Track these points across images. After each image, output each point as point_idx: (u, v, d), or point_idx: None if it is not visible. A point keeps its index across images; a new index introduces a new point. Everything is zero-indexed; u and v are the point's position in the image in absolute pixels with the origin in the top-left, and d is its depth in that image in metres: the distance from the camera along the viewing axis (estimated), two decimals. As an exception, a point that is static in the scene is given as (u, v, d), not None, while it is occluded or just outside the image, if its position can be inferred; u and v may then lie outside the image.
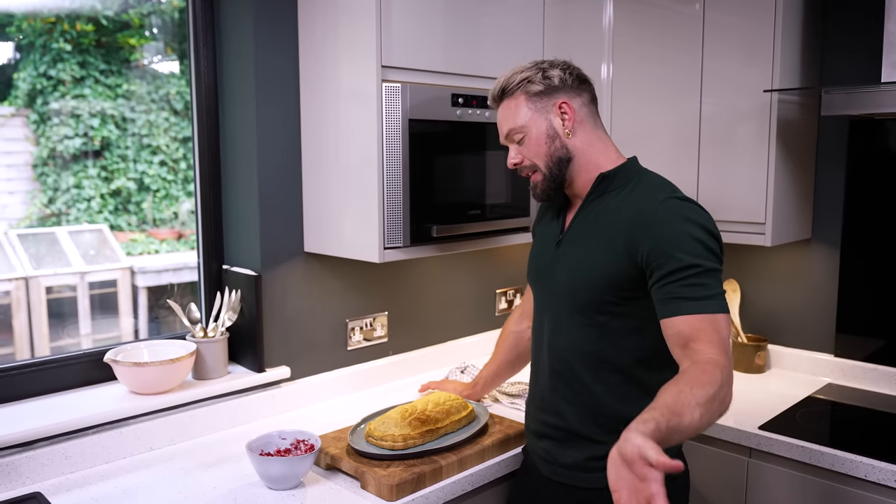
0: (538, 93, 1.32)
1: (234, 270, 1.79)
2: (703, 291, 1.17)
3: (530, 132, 1.32)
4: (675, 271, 1.18)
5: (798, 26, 1.93)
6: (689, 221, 1.21)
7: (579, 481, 1.35)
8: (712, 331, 1.15)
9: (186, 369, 1.63)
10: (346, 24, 1.63)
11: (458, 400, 1.59)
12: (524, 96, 1.32)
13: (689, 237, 1.19)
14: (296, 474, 1.38)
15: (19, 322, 3.85)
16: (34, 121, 4.58)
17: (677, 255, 1.18)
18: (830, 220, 2.07)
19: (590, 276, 1.29)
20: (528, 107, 1.32)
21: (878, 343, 2.02)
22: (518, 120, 1.33)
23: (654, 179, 1.32)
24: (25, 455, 1.40)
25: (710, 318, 1.16)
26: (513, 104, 1.34)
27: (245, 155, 1.75)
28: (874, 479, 1.53)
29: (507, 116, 1.35)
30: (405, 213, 1.61)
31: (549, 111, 1.32)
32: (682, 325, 1.17)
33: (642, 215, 1.23)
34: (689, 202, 1.26)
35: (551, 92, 1.32)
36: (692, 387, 1.05)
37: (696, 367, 1.10)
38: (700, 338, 1.15)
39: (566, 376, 1.35)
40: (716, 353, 1.12)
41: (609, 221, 1.29)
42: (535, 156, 1.33)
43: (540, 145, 1.32)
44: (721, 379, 1.08)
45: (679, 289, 1.18)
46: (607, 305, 1.28)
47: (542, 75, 1.32)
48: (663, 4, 2.06)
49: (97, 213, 4.74)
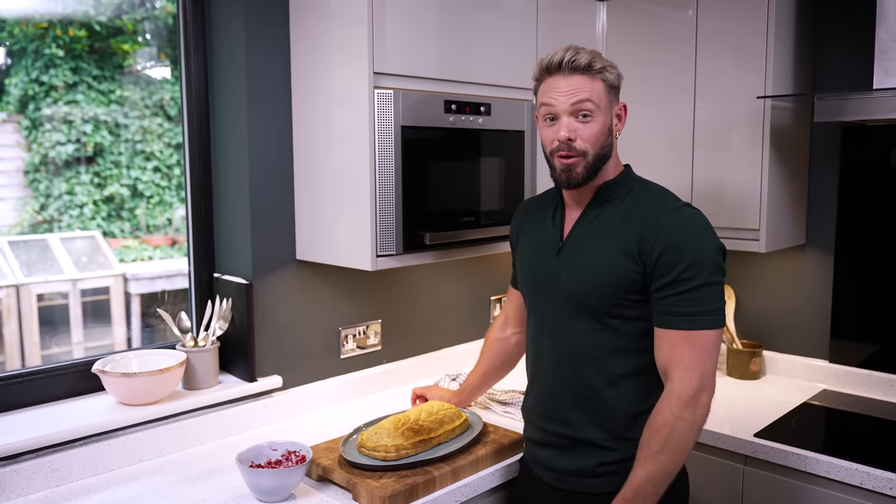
0: (613, 87, 1.33)
1: (226, 278, 1.77)
2: (698, 307, 1.23)
3: (598, 118, 1.30)
4: (676, 283, 1.23)
5: (791, 32, 1.93)
6: (699, 232, 1.26)
7: (586, 487, 1.34)
8: (690, 353, 1.23)
9: (176, 379, 1.61)
10: (338, 31, 1.62)
11: (452, 409, 1.58)
12: (605, 84, 1.31)
13: (697, 248, 1.24)
14: (286, 486, 1.36)
15: (10, 330, 3.82)
16: (26, 127, 4.55)
17: (681, 265, 1.23)
18: (824, 226, 2.07)
19: (599, 280, 1.30)
20: (606, 95, 1.32)
21: (873, 349, 2.01)
22: (596, 97, 1.30)
23: (657, 187, 1.36)
24: (10, 469, 1.38)
25: (694, 336, 1.23)
26: (594, 83, 1.30)
27: (236, 161, 1.74)
28: (870, 486, 1.52)
29: (584, 89, 1.30)
30: (398, 221, 1.59)
31: (613, 108, 1.34)
32: (664, 340, 1.26)
33: (657, 221, 1.26)
34: (696, 209, 1.31)
35: (618, 92, 1.35)
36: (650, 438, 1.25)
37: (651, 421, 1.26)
38: (674, 365, 1.25)
39: (575, 383, 1.34)
40: (680, 380, 1.23)
41: (618, 227, 1.30)
42: (590, 142, 1.30)
43: (600, 134, 1.31)
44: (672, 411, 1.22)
45: (674, 301, 1.24)
46: (618, 309, 1.29)
47: (617, 72, 1.34)
48: (656, 10, 2.06)
49: (90, 220, 4.71)
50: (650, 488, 1.24)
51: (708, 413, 1.25)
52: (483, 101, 1.75)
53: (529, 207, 1.51)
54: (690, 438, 1.24)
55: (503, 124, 1.80)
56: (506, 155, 1.83)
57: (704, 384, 1.24)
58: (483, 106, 1.75)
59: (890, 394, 1.97)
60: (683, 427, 1.22)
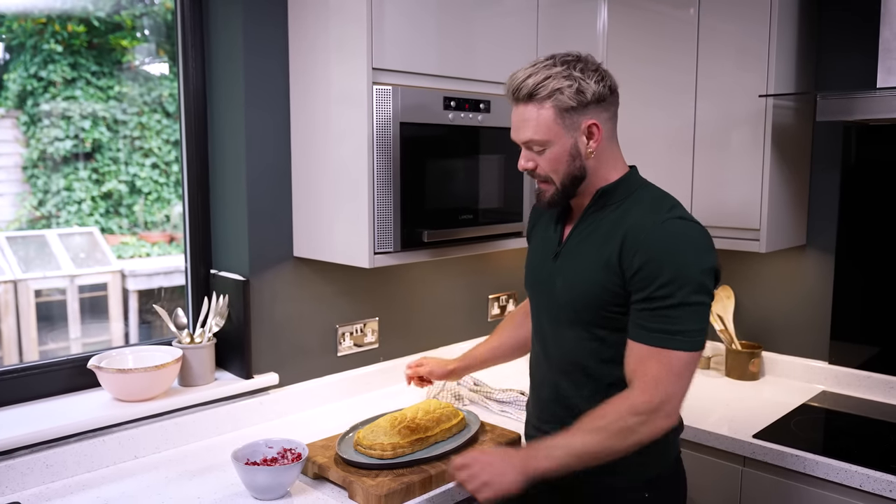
0: (569, 108, 1.21)
1: (222, 275, 1.76)
2: (671, 325, 1.16)
3: (553, 147, 1.24)
4: (651, 299, 1.18)
5: (793, 31, 1.92)
6: (684, 247, 1.18)
7: (577, 485, 1.33)
8: (657, 368, 1.17)
9: (172, 376, 1.60)
10: (336, 26, 1.61)
11: (449, 408, 1.57)
12: (554, 110, 1.21)
13: (678, 265, 1.16)
14: (282, 484, 1.35)
15: (7, 326, 3.81)
16: (24, 122, 4.54)
17: (658, 281, 1.16)
18: (825, 227, 2.06)
19: (586, 291, 1.27)
20: (557, 122, 1.22)
21: (873, 350, 2.00)
22: (542, 133, 1.23)
23: (656, 194, 1.28)
24: (5, 464, 1.37)
25: (665, 354, 1.17)
26: (540, 114, 1.22)
27: (234, 158, 1.73)
28: (870, 489, 1.52)
29: (528, 123, 1.24)
30: (396, 218, 1.58)
31: (576, 129, 1.23)
32: (633, 352, 1.21)
33: (639, 233, 1.20)
34: (690, 223, 1.22)
35: (583, 109, 1.22)
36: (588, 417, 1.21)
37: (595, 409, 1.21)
38: (640, 376, 1.19)
39: (567, 390, 1.33)
40: (641, 390, 1.17)
41: (606, 235, 1.26)
42: (551, 170, 1.26)
43: (560, 162, 1.25)
44: (619, 413, 1.17)
45: (648, 318, 1.18)
46: (604, 320, 1.26)
47: (575, 89, 1.20)
48: (658, 9, 2.05)
49: (88, 216, 4.70)
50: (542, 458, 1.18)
51: (655, 437, 1.18)
52: (483, 98, 1.74)
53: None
54: (623, 449, 1.18)
55: (503, 121, 1.79)
56: (505, 152, 1.82)
57: (666, 408, 1.17)
58: (483, 103, 1.74)
59: (890, 396, 1.97)
60: (624, 435, 1.16)
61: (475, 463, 1.20)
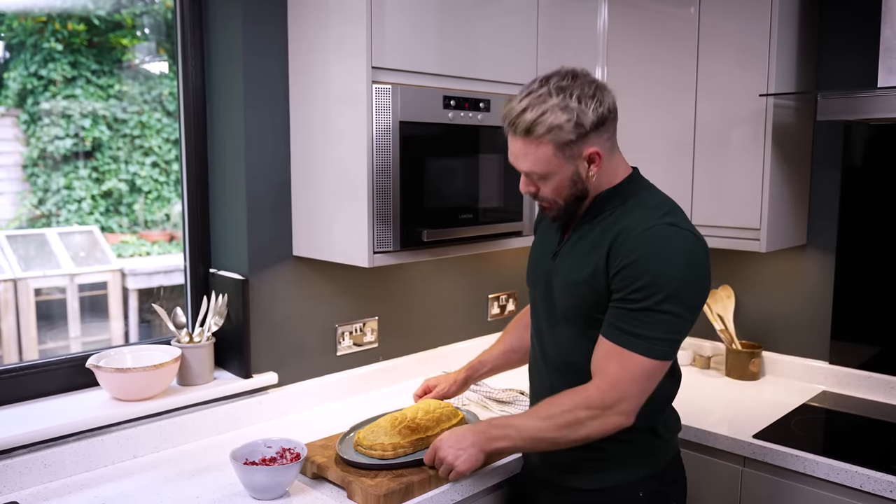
0: (569, 142, 1.19)
1: (221, 274, 1.76)
2: (639, 328, 1.16)
3: (553, 177, 1.23)
4: (625, 300, 1.18)
5: (794, 30, 1.91)
6: (668, 255, 1.16)
7: (574, 483, 1.34)
8: (617, 367, 1.18)
9: (171, 375, 1.60)
10: (336, 25, 1.60)
11: (449, 407, 1.56)
12: (553, 146, 1.19)
13: (657, 272, 1.15)
14: (280, 484, 1.35)
15: (7, 325, 3.81)
16: (24, 121, 4.54)
17: (635, 285, 1.16)
18: (826, 226, 2.06)
19: (575, 294, 1.28)
20: (557, 156, 1.20)
21: (873, 350, 2.00)
22: (541, 167, 1.22)
23: (653, 200, 1.27)
24: (3, 463, 1.36)
25: (625, 354, 1.17)
26: (538, 150, 1.20)
27: (233, 156, 1.72)
28: (870, 489, 1.51)
29: (527, 157, 1.22)
30: (395, 217, 1.58)
31: (577, 157, 1.21)
32: (599, 348, 1.22)
33: (627, 236, 1.20)
34: (681, 231, 1.19)
35: (583, 139, 1.20)
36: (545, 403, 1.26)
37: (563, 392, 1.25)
38: (600, 373, 1.20)
39: (561, 387, 1.33)
40: (598, 386, 1.19)
41: (596, 240, 1.26)
42: (552, 195, 1.26)
43: (562, 189, 1.24)
44: (572, 405, 1.20)
45: (619, 316, 1.19)
46: (595, 321, 1.26)
47: (574, 122, 1.17)
48: (658, 7, 2.05)
49: (88, 215, 4.70)
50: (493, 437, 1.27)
51: (606, 434, 1.20)
52: (482, 97, 1.73)
53: None
54: (569, 441, 1.21)
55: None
56: (505, 152, 1.79)
57: (619, 407, 1.17)
58: (482, 102, 1.73)
59: (890, 396, 1.96)
60: (574, 427, 1.19)
61: (439, 448, 1.32)
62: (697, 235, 1.21)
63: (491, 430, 1.29)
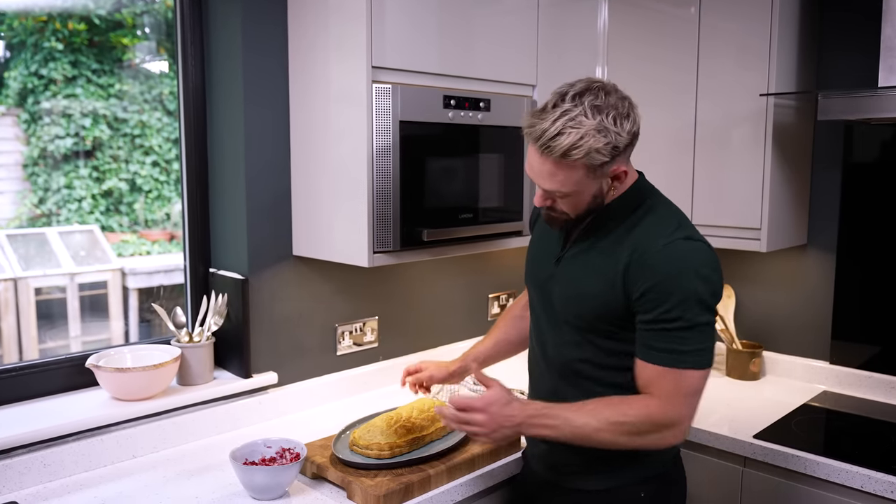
0: (602, 164, 1.18)
1: (221, 274, 1.75)
2: (682, 346, 1.17)
3: (576, 196, 1.21)
4: (659, 321, 1.18)
5: (794, 29, 1.91)
6: (688, 271, 1.17)
7: (577, 484, 1.34)
8: (672, 386, 1.18)
9: (170, 375, 1.60)
10: (336, 24, 1.60)
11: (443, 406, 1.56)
12: (585, 168, 1.17)
13: (685, 289, 1.16)
14: (280, 484, 1.35)
15: (7, 324, 3.81)
16: (25, 120, 4.54)
17: (665, 305, 1.17)
18: (826, 226, 2.05)
19: (583, 304, 1.27)
20: (587, 177, 1.19)
21: (874, 350, 2.00)
22: (569, 187, 1.20)
23: (663, 212, 1.26)
24: (2, 463, 1.36)
25: (677, 372, 1.18)
26: (570, 173, 1.18)
27: (233, 156, 1.72)
28: (871, 489, 1.51)
29: (555, 178, 1.19)
30: (395, 217, 1.58)
31: (604, 177, 1.21)
32: (646, 372, 1.21)
33: (645, 254, 1.19)
34: (695, 243, 1.21)
35: (614, 160, 1.19)
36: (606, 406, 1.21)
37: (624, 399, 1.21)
38: (656, 392, 1.19)
39: (562, 391, 1.33)
40: (659, 403, 1.18)
41: (609, 252, 1.25)
42: (571, 210, 1.24)
43: (581, 205, 1.23)
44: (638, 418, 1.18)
45: (657, 338, 1.19)
46: (602, 331, 1.27)
47: (611, 146, 1.16)
48: (659, 7, 2.04)
49: (88, 214, 4.70)
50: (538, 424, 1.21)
51: (657, 449, 1.23)
52: (482, 97, 1.73)
53: None
54: (626, 447, 1.20)
55: (503, 120, 1.79)
56: (505, 151, 1.81)
57: (678, 427, 1.19)
58: (482, 101, 1.73)
59: (891, 396, 1.96)
60: (633, 436, 1.19)
61: (482, 410, 1.23)
62: (707, 243, 1.23)
63: (541, 418, 1.22)
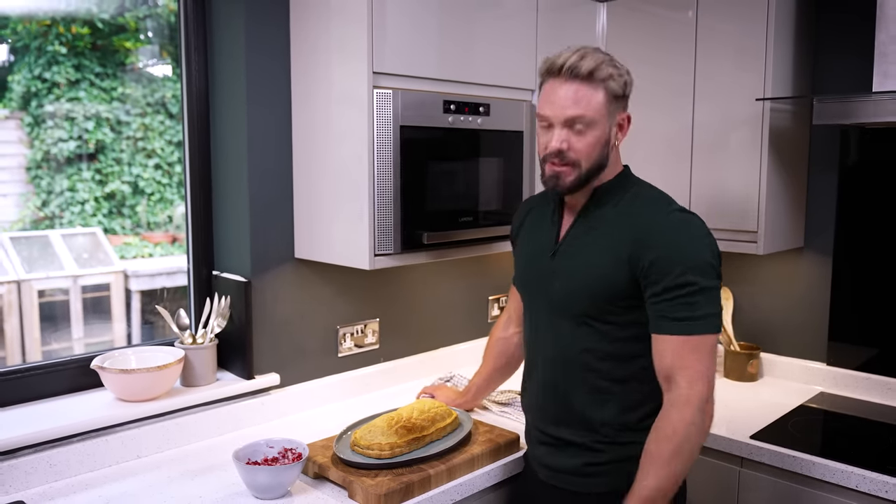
0: (617, 96, 1.26)
1: (224, 276, 1.77)
2: (693, 311, 1.21)
3: (594, 130, 1.25)
4: (670, 289, 1.22)
5: (790, 34, 1.93)
6: (691, 237, 1.24)
7: (575, 486, 1.35)
8: (694, 359, 1.21)
9: (174, 376, 1.62)
10: (338, 30, 1.62)
11: (443, 407, 1.58)
12: (606, 94, 1.24)
13: (690, 253, 1.22)
14: (282, 483, 1.36)
15: (11, 326, 3.83)
16: (28, 123, 4.56)
17: (675, 271, 1.21)
18: (823, 229, 2.07)
19: (590, 286, 1.29)
20: (607, 106, 1.25)
21: (871, 352, 2.01)
22: (592, 111, 1.24)
23: (652, 192, 1.34)
24: (8, 463, 1.38)
25: (694, 341, 1.21)
26: (595, 94, 1.23)
27: (236, 159, 1.74)
28: (866, 489, 1.52)
29: (581, 101, 1.23)
30: (396, 220, 1.60)
31: (615, 118, 1.27)
32: (665, 346, 1.23)
33: (646, 228, 1.25)
34: (691, 214, 1.29)
35: (623, 100, 1.28)
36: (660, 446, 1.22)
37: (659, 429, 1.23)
38: (679, 371, 1.22)
39: (564, 386, 1.34)
40: (689, 391, 1.21)
41: (609, 233, 1.29)
42: (584, 154, 1.26)
43: (595, 147, 1.26)
44: (684, 427, 1.21)
45: (669, 307, 1.22)
46: (607, 315, 1.29)
47: (623, 81, 1.26)
48: (656, 11, 2.06)
49: (91, 217, 4.72)
50: (659, 497, 1.22)
51: (713, 419, 1.25)
52: (482, 102, 1.75)
53: (531, 205, 1.51)
54: (699, 444, 1.23)
55: (502, 124, 1.81)
56: (504, 155, 1.83)
57: (711, 390, 1.23)
58: (482, 106, 1.75)
59: (887, 397, 1.97)
60: (696, 433, 1.21)
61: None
62: (698, 215, 1.31)
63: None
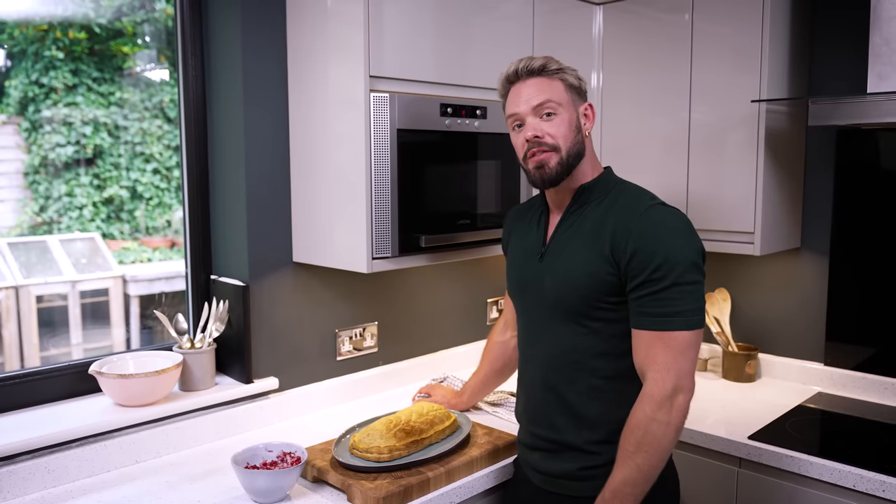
0: (573, 86, 1.36)
1: (222, 280, 1.78)
2: (668, 307, 1.22)
3: (563, 113, 1.33)
4: (647, 283, 1.23)
5: (786, 35, 1.94)
6: (671, 231, 1.25)
7: (571, 490, 1.35)
8: (665, 354, 1.22)
9: (173, 381, 1.62)
10: (335, 33, 1.63)
11: (441, 410, 1.58)
12: (563, 83, 1.34)
13: (667, 247, 1.23)
14: (281, 487, 1.37)
15: (9, 332, 3.83)
16: (26, 128, 4.56)
17: (652, 265, 1.22)
18: (819, 229, 2.08)
19: (577, 284, 1.30)
20: (567, 93, 1.34)
21: (868, 352, 2.02)
22: (556, 96, 1.33)
23: (635, 189, 1.36)
24: (6, 469, 1.38)
25: (667, 337, 1.22)
26: (552, 83, 1.34)
27: (233, 164, 1.75)
28: (864, 489, 1.53)
29: (543, 89, 1.33)
30: (394, 223, 1.60)
31: (578, 106, 1.36)
32: (640, 341, 1.25)
33: (628, 222, 1.26)
34: (672, 208, 1.30)
35: (581, 93, 1.38)
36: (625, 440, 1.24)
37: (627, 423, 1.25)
38: (649, 366, 1.24)
39: (559, 387, 1.35)
40: (654, 386, 1.22)
41: (594, 231, 1.31)
42: (560, 136, 1.32)
43: (568, 130, 1.33)
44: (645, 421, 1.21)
45: (647, 302, 1.24)
46: (598, 312, 1.30)
47: (576, 75, 1.37)
48: (653, 14, 2.07)
49: (89, 222, 4.72)
50: (627, 490, 1.23)
51: (685, 414, 1.23)
52: (479, 105, 1.76)
53: (518, 213, 1.53)
54: (667, 440, 1.22)
55: (499, 127, 1.81)
56: (502, 158, 1.84)
57: (680, 385, 1.22)
58: (479, 109, 1.76)
59: (885, 397, 1.98)
60: (658, 429, 1.21)
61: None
62: (682, 211, 1.32)
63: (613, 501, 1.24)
